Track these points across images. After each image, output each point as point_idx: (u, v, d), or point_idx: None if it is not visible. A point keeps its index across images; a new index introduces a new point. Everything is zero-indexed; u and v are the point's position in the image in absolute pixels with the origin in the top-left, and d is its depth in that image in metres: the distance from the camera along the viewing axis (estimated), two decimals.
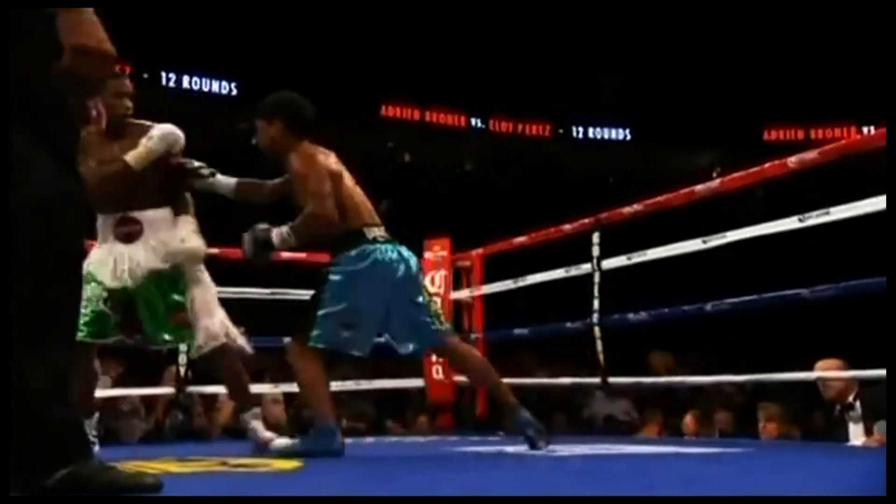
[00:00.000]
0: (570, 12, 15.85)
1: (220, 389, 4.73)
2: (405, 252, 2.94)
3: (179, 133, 3.00)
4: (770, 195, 9.22)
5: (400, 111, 16.71)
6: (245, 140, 16.25)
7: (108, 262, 2.88)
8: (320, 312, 2.82)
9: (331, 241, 2.92)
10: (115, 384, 4.75)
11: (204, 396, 4.70)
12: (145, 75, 14.73)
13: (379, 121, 16.54)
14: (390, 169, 16.13)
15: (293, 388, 5.04)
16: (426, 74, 16.02)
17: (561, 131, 17.80)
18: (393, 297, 2.90)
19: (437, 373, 5.07)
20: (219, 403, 4.84)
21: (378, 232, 2.92)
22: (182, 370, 4.32)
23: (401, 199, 13.75)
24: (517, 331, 4.90)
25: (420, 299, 2.94)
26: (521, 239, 4.87)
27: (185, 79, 15.00)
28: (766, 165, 3.57)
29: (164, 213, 2.94)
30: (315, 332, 2.82)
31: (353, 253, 2.84)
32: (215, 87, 15.21)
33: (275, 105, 3.00)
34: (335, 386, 5.37)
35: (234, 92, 15.54)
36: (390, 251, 2.88)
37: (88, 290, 2.73)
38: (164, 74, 14.81)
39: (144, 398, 4.72)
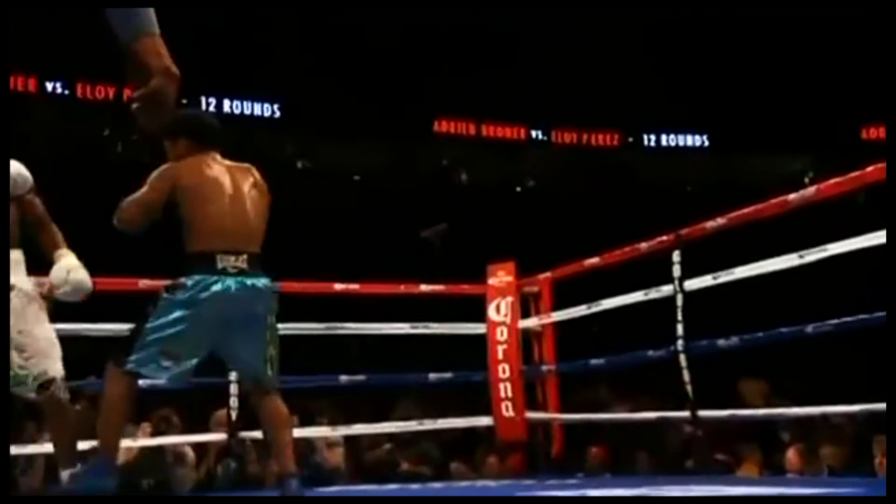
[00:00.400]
0: (632, 12, 15.77)
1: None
2: (258, 286, 2.90)
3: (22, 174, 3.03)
4: (873, 201, 8.95)
5: (454, 126, 16.81)
6: (290, 162, 16.58)
7: None
8: (146, 336, 2.80)
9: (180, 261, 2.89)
10: (157, 432, 4.82)
11: (256, 442, 4.74)
12: (185, 101, 15.16)
13: (432, 137, 16.66)
14: (445, 189, 16.21)
15: (352, 430, 5.08)
16: (481, 86, 16.09)
17: (631, 140, 17.65)
18: (227, 333, 2.89)
19: (507, 409, 5.04)
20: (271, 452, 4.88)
21: (232, 262, 2.87)
22: (233, 414, 4.37)
23: (457, 222, 13.79)
24: (593, 361, 4.84)
25: (257, 343, 2.92)
26: (593, 260, 4.82)
27: (227, 102, 15.37)
28: (869, 169, 3.46)
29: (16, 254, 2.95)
30: (133, 356, 2.79)
31: (191, 282, 2.82)
32: (257, 109, 15.55)
33: (176, 122, 3.03)
34: (396, 427, 5.41)
35: (277, 114, 15.87)
36: (235, 285, 2.84)
37: None
38: (203, 99, 15.20)
39: (194, 445, 4.79)
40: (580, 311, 4.90)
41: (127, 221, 3.01)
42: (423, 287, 5.28)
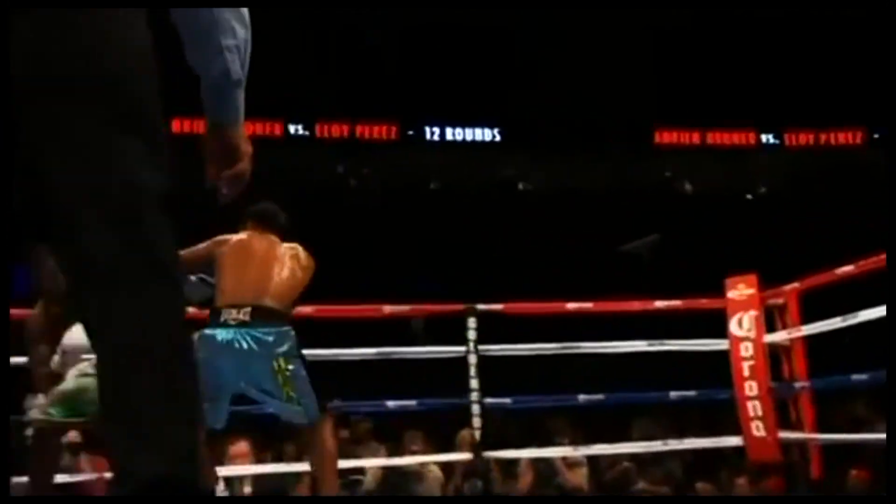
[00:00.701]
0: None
1: (519, 454, 4.86)
2: (257, 336, 3.15)
3: None
4: None
5: (677, 136, 16.34)
6: (509, 185, 16.85)
7: None
8: None
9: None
10: (406, 452, 5.02)
11: (501, 462, 4.82)
12: (410, 132, 15.84)
13: (654, 149, 16.30)
14: (669, 201, 15.76)
15: (593, 450, 5.03)
16: (702, 92, 15.55)
17: (876, 136, 16.30)
18: (240, 378, 3.18)
19: (758, 429, 4.78)
20: (519, 469, 4.94)
21: (233, 314, 3.18)
22: (477, 434, 4.47)
23: (683, 233, 13.34)
24: (855, 377, 4.48)
25: (272, 388, 3.17)
26: (846, 269, 4.49)
27: (449, 131, 15.87)
28: None
29: None
30: None
31: (198, 334, 3.10)
32: (479, 135, 15.94)
33: (249, 209, 3.59)
34: (639, 447, 5.29)
35: (498, 138, 16.17)
36: (230, 335, 3.13)
37: None
38: (427, 129, 15.80)
39: (442, 465, 4.94)
40: (834, 323, 4.57)
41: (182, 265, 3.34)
42: (659, 303, 5.15)
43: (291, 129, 15.34)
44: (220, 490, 3.90)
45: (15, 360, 3.47)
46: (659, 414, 6.79)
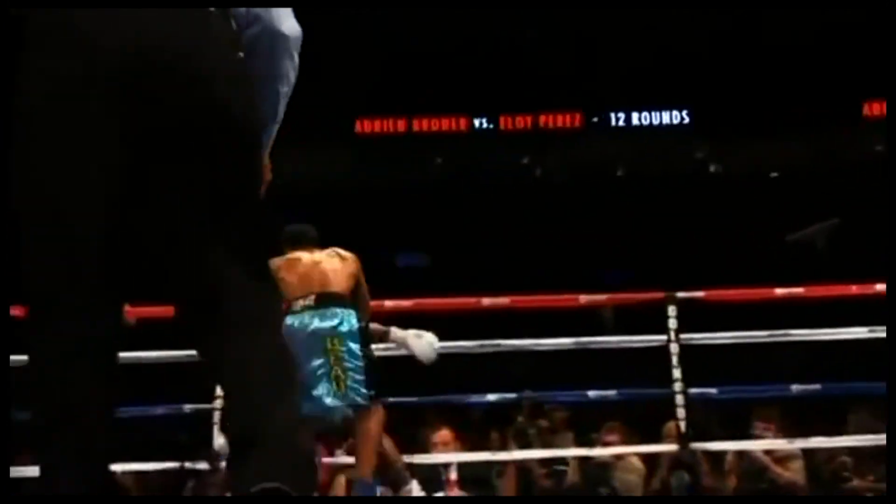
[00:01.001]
0: None
1: (727, 446, 4.68)
2: (324, 315, 3.59)
3: None
4: None
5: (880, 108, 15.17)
6: (702, 167, 16.24)
7: None
8: None
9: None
10: (605, 444, 4.96)
11: (709, 454, 4.66)
12: (594, 119, 15.63)
13: (861, 122, 15.20)
14: (879, 177, 14.64)
15: (810, 443, 4.76)
16: None
17: None
18: (306, 360, 3.45)
19: None
20: (727, 464, 4.76)
21: (301, 302, 3.63)
22: (682, 426, 4.34)
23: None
24: None
25: (317, 363, 3.50)
26: None
27: (634, 116, 15.52)
28: None
29: None
30: None
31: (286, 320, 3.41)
32: (666, 118, 15.48)
33: (283, 234, 3.93)
34: (857, 440, 4.95)
35: (686, 120, 15.64)
36: (298, 320, 3.55)
37: None
38: (612, 115, 15.53)
39: (645, 456, 4.85)
40: None
41: None
42: (880, 286, 4.79)
43: (476, 122, 15.53)
44: (415, 488, 4.01)
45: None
46: (878, 405, 6.34)
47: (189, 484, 5.15)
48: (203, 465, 4.77)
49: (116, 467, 4.02)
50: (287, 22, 1.51)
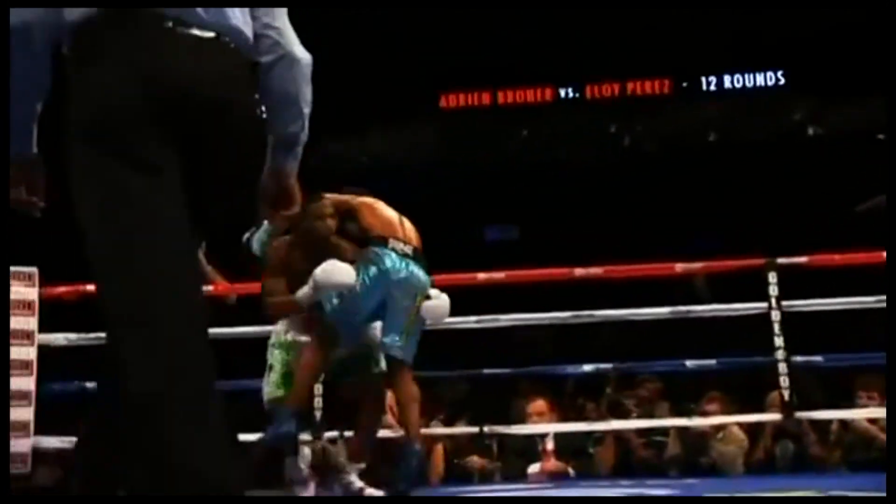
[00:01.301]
0: None
1: (833, 415, 4.55)
2: (416, 270, 3.62)
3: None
4: None
5: None
6: (800, 129, 15.67)
7: None
8: None
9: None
10: (708, 413, 4.87)
11: (815, 423, 4.54)
12: (684, 84, 15.25)
13: None
14: None
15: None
16: None
17: None
18: (390, 301, 3.60)
19: None
20: (833, 434, 4.63)
21: (401, 247, 3.66)
22: (787, 395, 4.24)
23: None
24: None
25: (400, 317, 3.60)
26: None
27: (727, 79, 15.08)
28: None
29: None
30: None
31: (376, 250, 3.63)
32: (760, 80, 14.99)
33: None
34: None
35: (782, 81, 15.12)
36: (397, 263, 3.60)
37: None
38: (703, 80, 15.12)
39: (749, 426, 4.75)
40: None
41: None
42: None
43: (562, 92, 15.34)
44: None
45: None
46: None
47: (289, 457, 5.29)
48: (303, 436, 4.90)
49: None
50: (301, 50, 1.69)
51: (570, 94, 15.35)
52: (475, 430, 4.95)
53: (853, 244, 5.20)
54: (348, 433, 4.32)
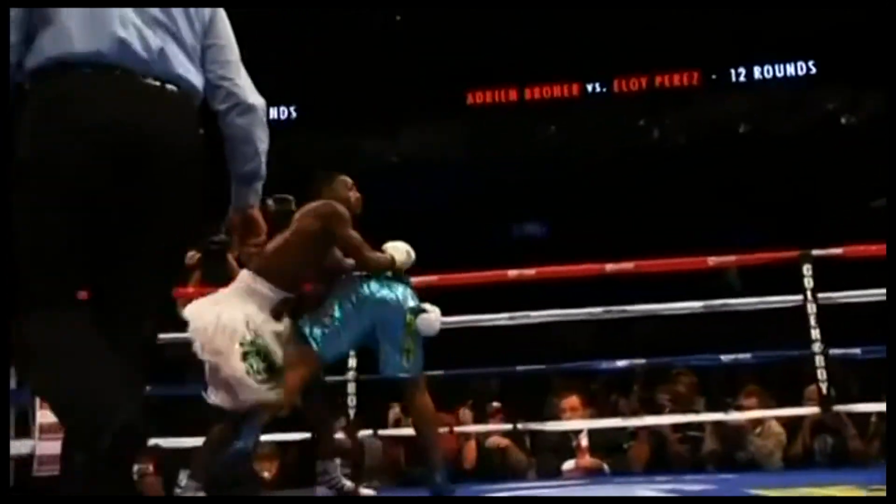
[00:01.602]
0: None
1: (872, 408, 4.48)
2: (396, 289, 3.49)
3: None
4: None
5: None
6: (831, 120, 15.46)
7: None
8: None
9: None
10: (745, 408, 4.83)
11: (854, 416, 4.48)
12: (713, 76, 15.11)
13: None
14: None
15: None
16: None
17: None
18: (381, 327, 3.49)
19: None
20: (871, 426, 4.56)
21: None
22: (824, 388, 4.19)
23: None
24: None
25: (398, 335, 3.46)
26: None
27: (757, 70, 14.92)
28: None
29: None
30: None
31: (358, 283, 3.50)
32: (790, 70, 14.81)
33: None
34: None
35: (813, 71, 14.94)
36: (379, 288, 3.48)
37: None
38: (732, 71, 14.98)
39: (787, 420, 4.70)
40: None
41: None
42: None
43: (589, 87, 15.27)
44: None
45: None
46: None
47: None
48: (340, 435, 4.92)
49: (264, 437, 4.22)
50: (255, 96, 1.92)
51: (598, 89, 15.28)
52: (508, 426, 4.94)
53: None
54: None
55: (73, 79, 1.68)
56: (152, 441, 4.15)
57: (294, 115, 15.31)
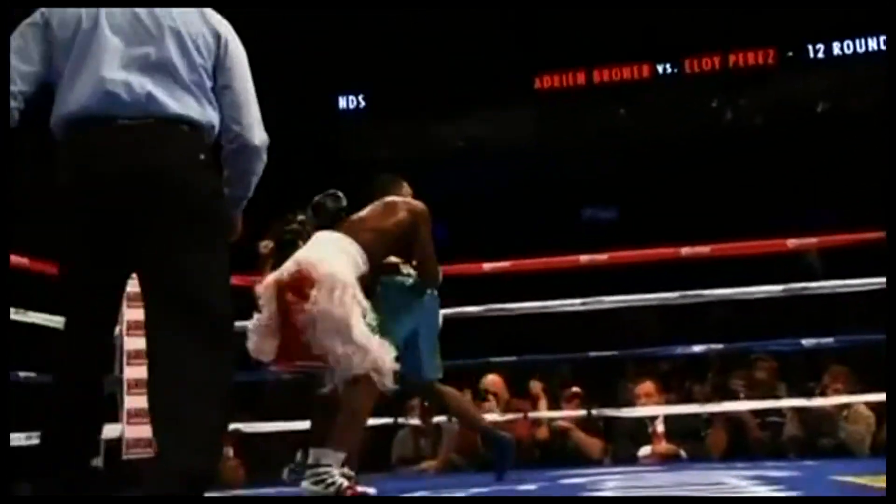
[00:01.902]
0: None
1: None
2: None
3: None
4: None
5: None
6: None
7: None
8: None
9: None
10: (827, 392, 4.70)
11: None
12: (790, 54, 14.68)
13: None
14: None
15: None
16: None
17: None
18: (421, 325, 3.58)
19: None
20: None
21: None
22: None
23: None
24: None
25: (433, 334, 3.62)
26: None
27: (836, 46, 14.44)
28: None
29: None
30: None
31: (397, 279, 3.56)
32: (872, 44, 14.28)
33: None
34: None
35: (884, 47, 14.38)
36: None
37: None
38: (810, 48, 14.53)
39: (874, 405, 4.56)
40: None
41: None
42: None
43: (659, 68, 14.97)
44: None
45: None
46: None
47: (398, 434, 5.37)
48: (413, 420, 4.96)
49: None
50: (259, 134, 2.16)
51: (669, 70, 14.97)
52: (583, 412, 4.91)
53: None
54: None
55: (75, 135, 1.98)
56: (233, 426, 4.24)
57: (363, 103, 15.42)
